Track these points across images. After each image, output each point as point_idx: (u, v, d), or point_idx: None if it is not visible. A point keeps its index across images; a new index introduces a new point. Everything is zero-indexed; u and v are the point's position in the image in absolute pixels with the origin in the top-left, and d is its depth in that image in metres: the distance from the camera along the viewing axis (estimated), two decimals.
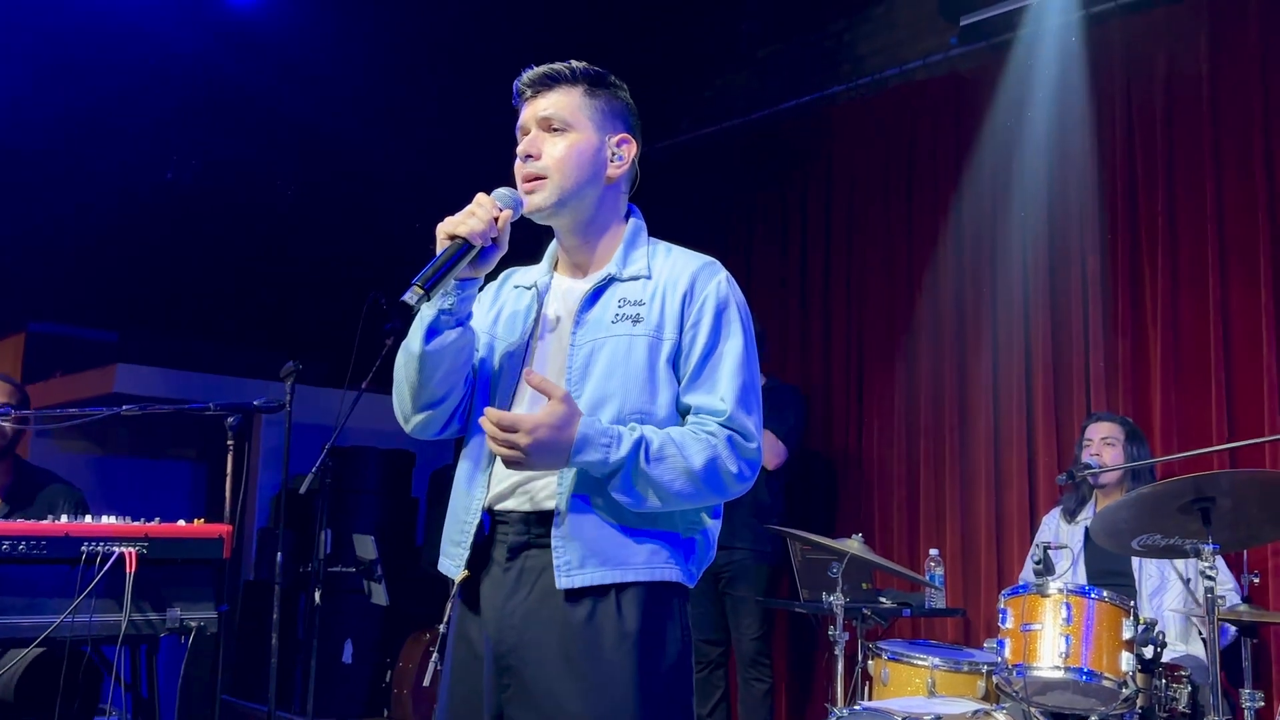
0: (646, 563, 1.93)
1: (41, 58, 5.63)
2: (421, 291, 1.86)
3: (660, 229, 2.18)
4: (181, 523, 3.23)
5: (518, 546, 1.97)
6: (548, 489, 1.96)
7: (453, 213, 1.98)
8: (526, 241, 2.20)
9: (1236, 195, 4.46)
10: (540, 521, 1.95)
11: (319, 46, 6.06)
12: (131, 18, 5.65)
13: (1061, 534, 4.26)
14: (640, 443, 1.88)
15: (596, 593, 1.90)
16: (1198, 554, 3.01)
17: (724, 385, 1.96)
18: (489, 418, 1.87)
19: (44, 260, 6.48)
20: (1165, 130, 4.68)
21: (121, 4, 5.61)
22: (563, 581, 1.90)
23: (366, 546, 4.83)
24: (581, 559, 1.91)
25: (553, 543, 1.92)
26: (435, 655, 2.13)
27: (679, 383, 2.00)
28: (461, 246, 1.91)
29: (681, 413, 2.00)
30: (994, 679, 3.51)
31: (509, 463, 1.88)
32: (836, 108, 5.98)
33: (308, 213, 6.80)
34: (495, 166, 2.11)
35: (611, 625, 1.89)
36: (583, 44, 2.18)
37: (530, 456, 1.85)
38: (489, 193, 2.00)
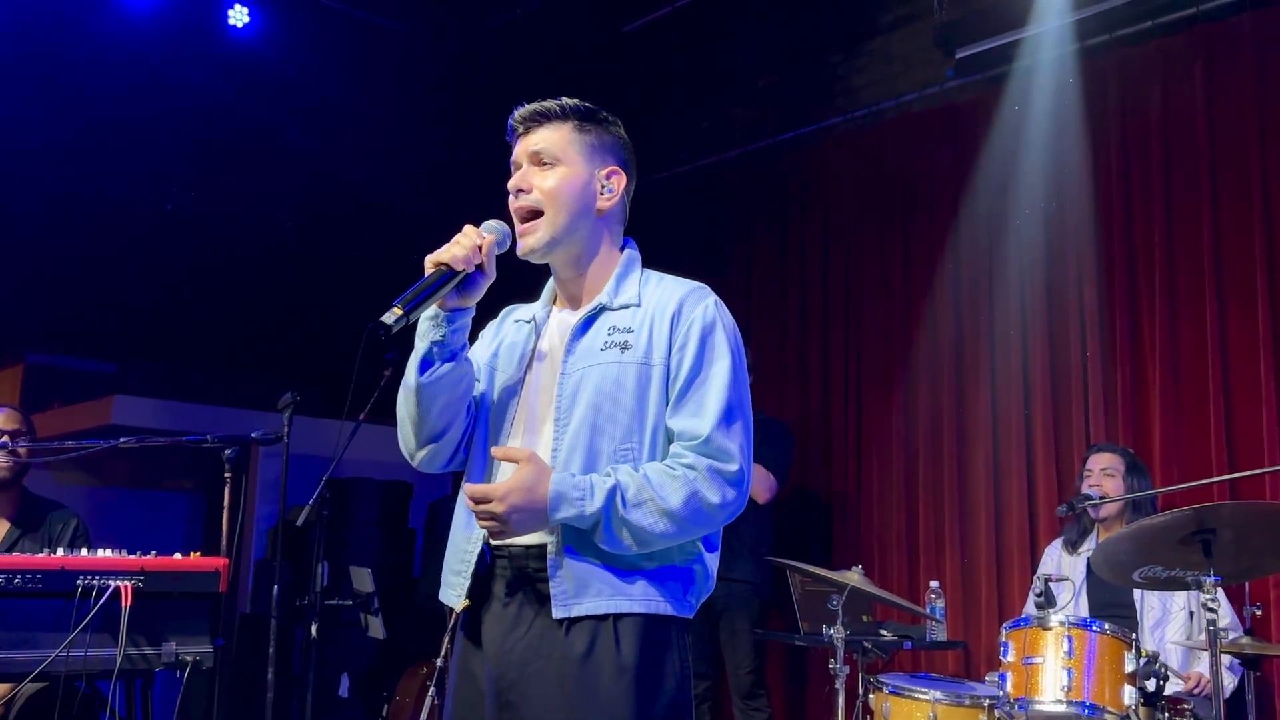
0: (644, 594, 1.93)
1: (41, 88, 5.66)
2: (400, 312, 1.88)
3: (657, 260, 2.19)
4: (178, 556, 3.21)
5: (516, 581, 1.98)
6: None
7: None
8: (530, 273, 2.21)
9: (1233, 225, 4.47)
10: (538, 555, 1.96)
11: (319, 78, 6.10)
12: (132, 48, 5.70)
13: (1063, 566, 4.24)
14: (614, 491, 1.89)
15: (594, 625, 1.90)
16: (1199, 586, 2.99)
17: (707, 408, 1.96)
18: (466, 493, 1.93)
19: (43, 291, 6.47)
20: (1161, 161, 4.70)
21: (122, 34, 5.66)
22: (559, 611, 1.91)
23: (364, 579, 4.80)
24: (578, 589, 1.91)
25: (549, 573, 1.93)
26: (433, 690, 2.13)
27: (667, 407, 2.00)
28: (444, 273, 1.95)
29: (670, 438, 2.00)
30: (996, 713, 3.48)
31: (494, 534, 1.92)
32: (833, 139, 6.01)
33: (306, 243, 6.82)
34: (493, 197, 2.12)
35: (609, 659, 1.89)
36: (580, 77, 2.21)
37: (509, 523, 1.88)
38: (478, 224, 2.05)
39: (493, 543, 2.00)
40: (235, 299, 6.86)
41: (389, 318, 1.88)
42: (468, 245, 1.99)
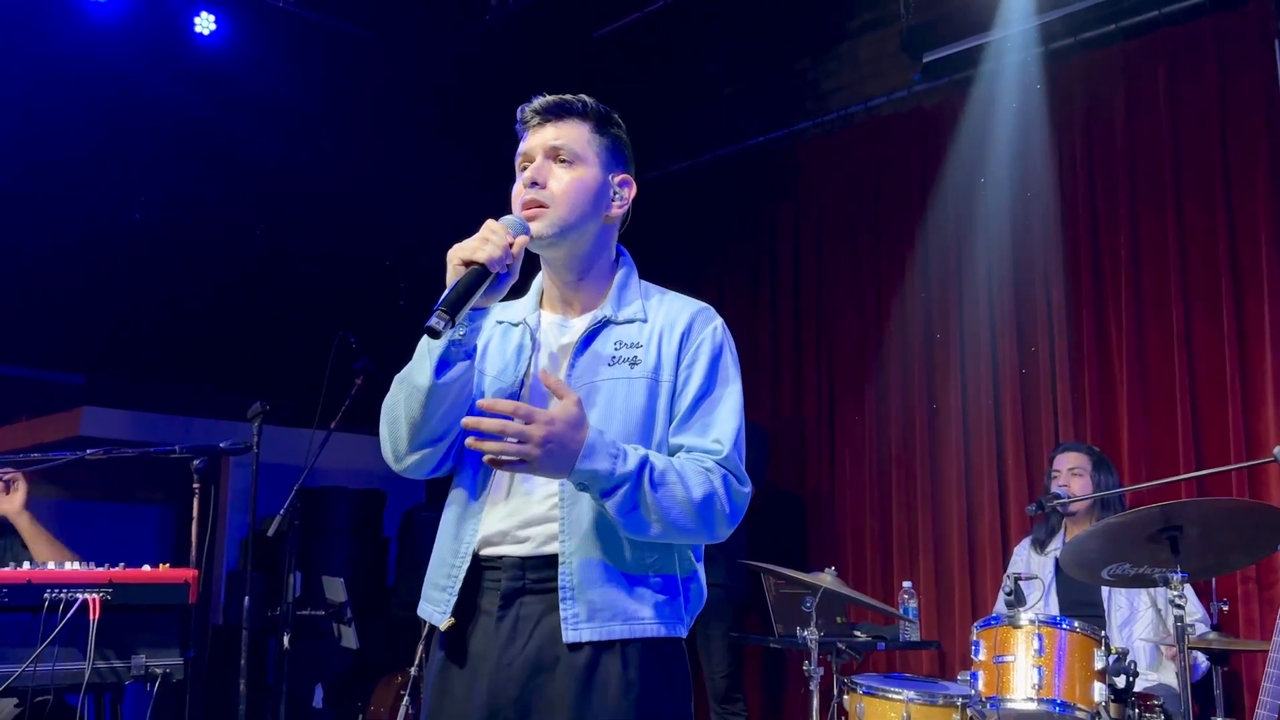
0: (654, 617, 1.89)
1: (5, 97, 5.60)
2: (447, 315, 1.77)
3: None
4: (146, 568, 3.18)
5: (512, 593, 1.89)
6: (549, 532, 1.89)
7: (422, 251, 1.95)
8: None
9: (1197, 226, 4.53)
10: (537, 566, 1.89)
11: (287, 86, 6.07)
12: (97, 57, 5.65)
13: (1032, 564, 4.27)
14: (646, 462, 1.83)
15: (602, 644, 1.85)
16: (1166, 583, 3.03)
17: (720, 428, 1.93)
18: (495, 405, 1.77)
19: (9, 302, 6.41)
20: (1126, 162, 4.76)
21: (88, 44, 5.61)
22: (569, 635, 1.84)
23: (336, 589, 4.78)
24: (590, 612, 1.85)
25: (560, 594, 1.86)
26: (407, 699, 2.08)
27: (671, 423, 1.96)
28: (479, 273, 1.83)
29: (672, 454, 1.95)
30: (968, 712, 3.50)
31: (509, 464, 1.76)
32: (803, 144, 6.04)
33: (276, 253, 6.78)
34: (463, 206, 2.10)
35: (616, 679, 1.84)
36: (550, 83, 2.19)
37: (541, 452, 1.74)
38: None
39: (483, 554, 1.92)
40: (204, 309, 6.81)
41: (438, 323, 1.76)
42: (500, 244, 1.86)
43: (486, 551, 1.92)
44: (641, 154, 2.23)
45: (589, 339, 2.01)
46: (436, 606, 1.95)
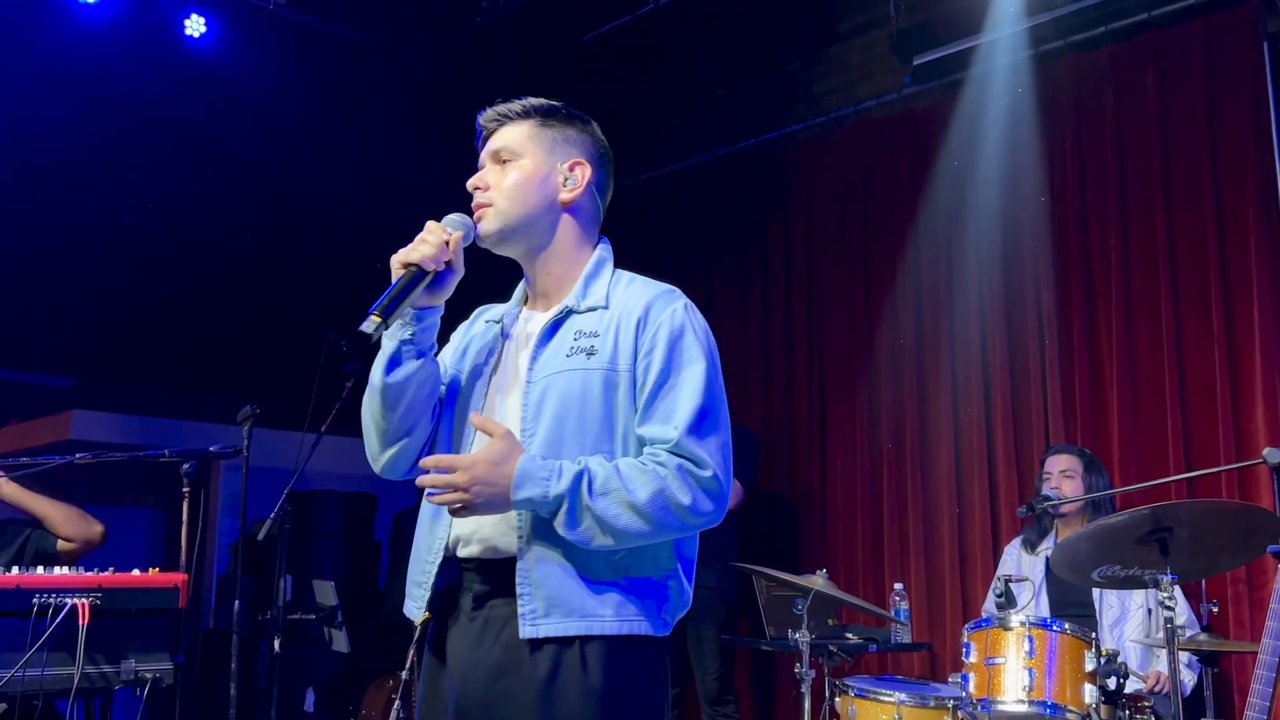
0: (615, 615, 1.86)
1: None
2: (379, 319, 1.84)
3: (621, 267, 2.17)
4: (136, 572, 3.17)
5: (482, 595, 1.91)
6: (507, 534, 1.89)
7: None
8: (508, 273, 2.19)
9: (1186, 227, 4.54)
10: (503, 568, 1.89)
11: (277, 88, 6.06)
12: (87, 59, 5.63)
13: (1023, 565, 4.27)
14: (581, 475, 1.82)
15: (561, 644, 1.83)
16: (1156, 584, 3.03)
17: (678, 413, 1.89)
18: (424, 464, 1.85)
19: None
20: (1115, 164, 4.77)
21: (77, 45, 5.59)
22: (526, 631, 1.83)
23: (327, 593, 4.77)
24: (547, 608, 1.84)
25: (518, 589, 1.85)
26: (398, 703, 2.09)
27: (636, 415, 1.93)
28: (415, 274, 1.91)
29: (642, 447, 1.93)
30: (959, 714, 3.51)
31: (454, 510, 1.83)
32: (794, 146, 6.05)
33: (266, 255, 6.76)
34: (456, 209, 2.10)
35: (576, 681, 1.82)
36: (541, 86, 2.19)
37: (471, 495, 1.80)
38: (429, 222, 2.00)
39: (460, 553, 1.93)
40: (194, 312, 6.80)
41: (368, 326, 1.84)
42: (435, 243, 1.94)
43: (462, 552, 1.94)
44: (633, 155, 2.24)
45: (551, 330, 2.01)
46: (414, 603, 1.99)
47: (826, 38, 6.02)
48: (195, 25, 5.86)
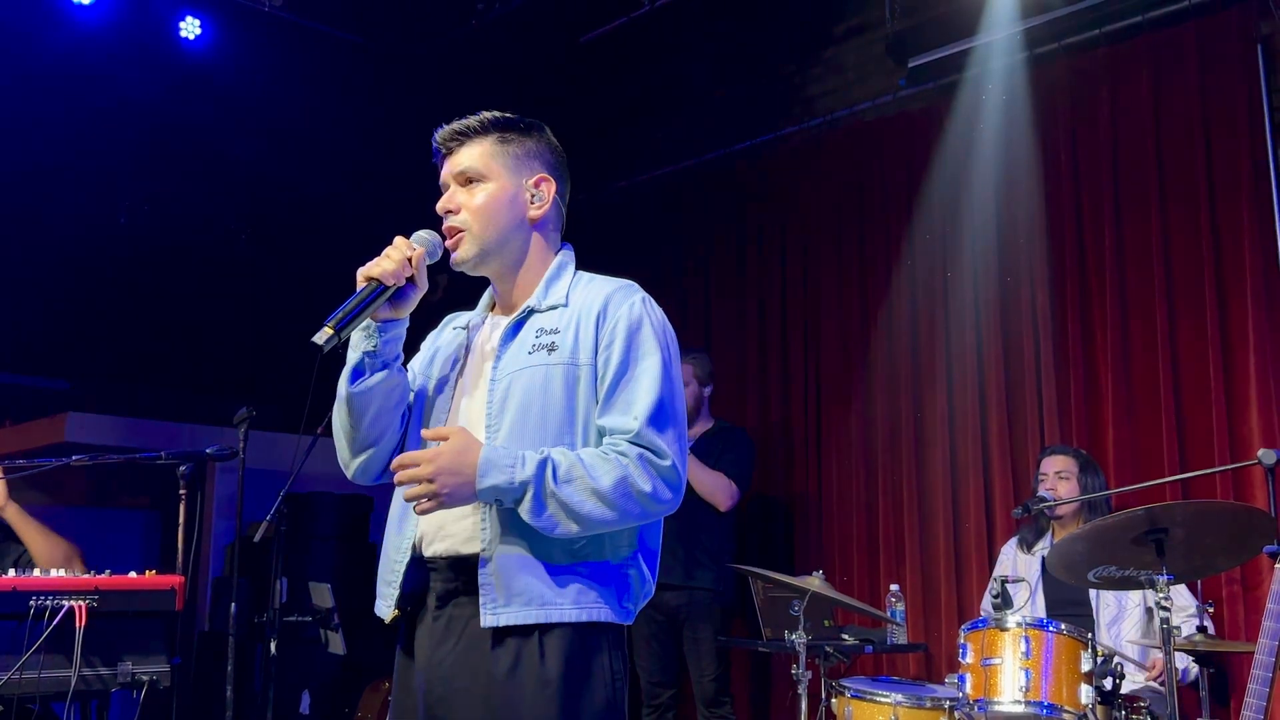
0: (574, 602, 1.90)
1: None
2: (331, 331, 1.89)
3: (615, 271, 2.19)
4: (132, 574, 3.17)
5: (447, 593, 1.97)
6: (470, 533, 1.94)
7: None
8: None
9: (1180, 229, 4.55)
10: (466, 567, 1.94)
11: (273, 90, 6.06)
12: (83, 60, 5.62)
13: (1019, 566, 4.28)
14: (545, 463, 1.86)
15: (521, 635, 1.88)
16: (1152, 585, 3.04)
17: (636, 404, 1.94)
18: (393, 465, 1.91)
19: None
20: (1110, 166, 4.78)
21: (72, 48, 5.58)
22: (487, 620, 1.88)
23: (323, 595, 4.76)
24: (507, 597, 1.88)
25: (480, 582, 1.90)
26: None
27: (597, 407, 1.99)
28: (376, 288, 1.96)
29: (601, 438, 1.99)
30: (956, 715, 3.51)
31: (422, 506, 1.87)
32: (789, 148, 6.05)
33: (261, 257, 6.76)
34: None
35: (533, 673, 1.86)
36: (537, 88, 2.21)
37: (437, 486, 1.83)
38: (397, 238, 2.05)
39: (425, 553, 1.99)
40: (190, 314, 6.79)
41: (320, 337, 1.89)
42: (398, 259, 1.99)
43: (428, 551, 1.99)
44: (628, 157, 2.25)
45: (514, 331, 2.06)
46: (384, 602, 2.06)
47: (821, 40, 6.03)
48: (190, 27, 5.86)
